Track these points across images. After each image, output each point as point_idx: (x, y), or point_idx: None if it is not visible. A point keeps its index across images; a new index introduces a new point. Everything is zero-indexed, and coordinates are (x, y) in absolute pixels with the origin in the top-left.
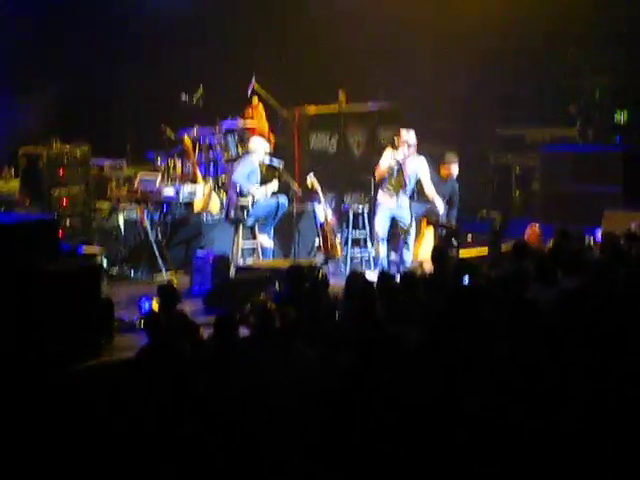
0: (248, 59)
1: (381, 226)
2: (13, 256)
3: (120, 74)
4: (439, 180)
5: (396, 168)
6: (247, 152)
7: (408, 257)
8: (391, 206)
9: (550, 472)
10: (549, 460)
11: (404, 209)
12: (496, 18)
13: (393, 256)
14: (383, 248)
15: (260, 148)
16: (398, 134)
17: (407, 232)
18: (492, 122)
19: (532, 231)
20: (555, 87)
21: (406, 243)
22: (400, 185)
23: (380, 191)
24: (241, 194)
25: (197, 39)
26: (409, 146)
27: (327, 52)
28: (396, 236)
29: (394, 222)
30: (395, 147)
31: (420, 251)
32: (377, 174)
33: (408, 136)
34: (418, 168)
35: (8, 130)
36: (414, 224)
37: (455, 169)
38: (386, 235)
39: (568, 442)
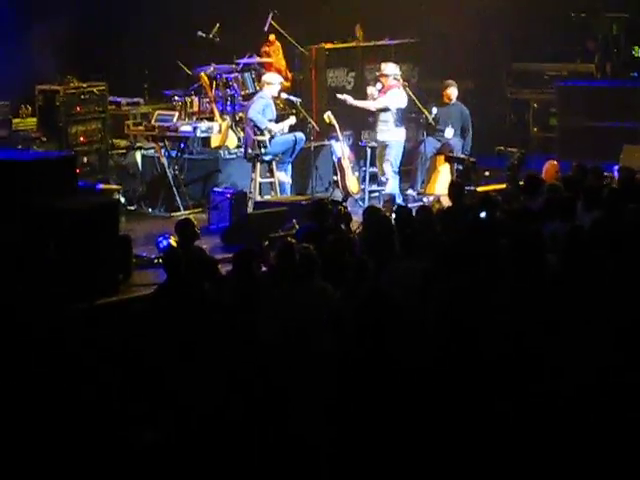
0: None
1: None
2: (31, 193)
3: (137, 11)
4: (444, 106)
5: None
6: (261, 88)
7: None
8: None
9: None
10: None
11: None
12: None
13: (410, 191)
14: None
15: (273, 82)
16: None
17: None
18: (508, 58)
19: (550, 166)
20: (570, 23)
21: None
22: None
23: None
24: (258, 130)
25: None
26: (387, 77)
27: None
28: (412, 171)
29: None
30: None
31: (436, 186)
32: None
33: (385, 68)
34: (395, 99)
35: (23, 68)
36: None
37: (452, 92)
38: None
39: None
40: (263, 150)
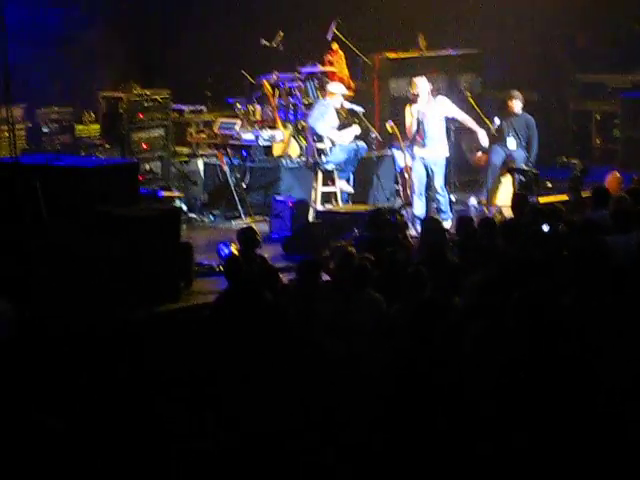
0: (328, 4)
1: (418, 179)
2: (94, 200)
3: (201, 19)
4: (509, 117)
5: (422, 119)
6: (324, 96)
7: (419, 209)
8: (423, 155)
9: None
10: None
11: (436, 158)
12: None
13: (473, 200)
14: (421, 204)
15: (336, 92)
16: (413, 85)
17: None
18: (572, 69)
19: (612, 178)
20: (634, 34)
21: (438, 194)
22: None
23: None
24: (318, 138)
25: None
26: (427, 93)
27: None
28: (476, 182)
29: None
30: (414, 101)
31: (498, 197)
32: (408, 134)
33: (422, 83)
34: (444, 109)
35: (87, 74)
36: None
37: (515, 104)
38: (424, 190)
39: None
40: (324, 158)
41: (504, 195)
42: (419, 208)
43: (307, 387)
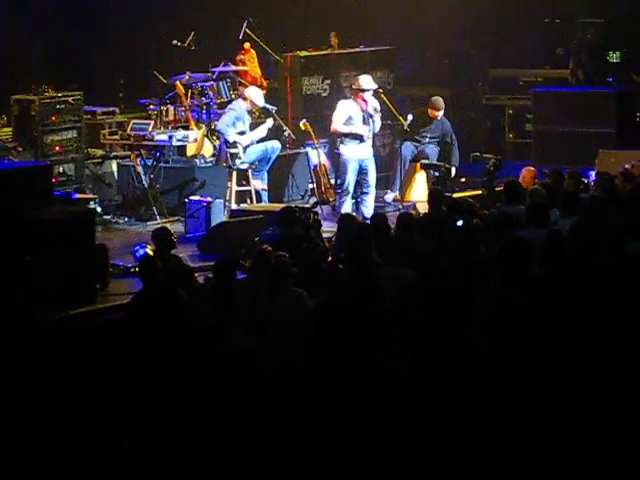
0: (240, 4)
1: (352, 180)
2: (7, 203)
3: (112, 20)
4: (429, 121)
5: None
6: (236, 97)
7: (368, 211)
8: (363, 156)
9: None
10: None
11: (370, 154)
12: None
13: (389, 196)
14: (350, 203)
15: (251, 98)
16: (357, 82)
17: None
18: (483, 64)
19: (527, 172)
20: (545, 29)
21: (366, 194)
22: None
23: (344, 145)
24: (230, 144)
25: None
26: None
27: None
28: (391, 175)
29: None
30: (359, 97)
31: (412, 193)
32: (340, 129)
33: (370, 80)
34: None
35: None
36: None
37: (438, 115)
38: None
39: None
40: (237, 161)
41: (418, 191)
42: (348, 208)
43: (225, 386)
